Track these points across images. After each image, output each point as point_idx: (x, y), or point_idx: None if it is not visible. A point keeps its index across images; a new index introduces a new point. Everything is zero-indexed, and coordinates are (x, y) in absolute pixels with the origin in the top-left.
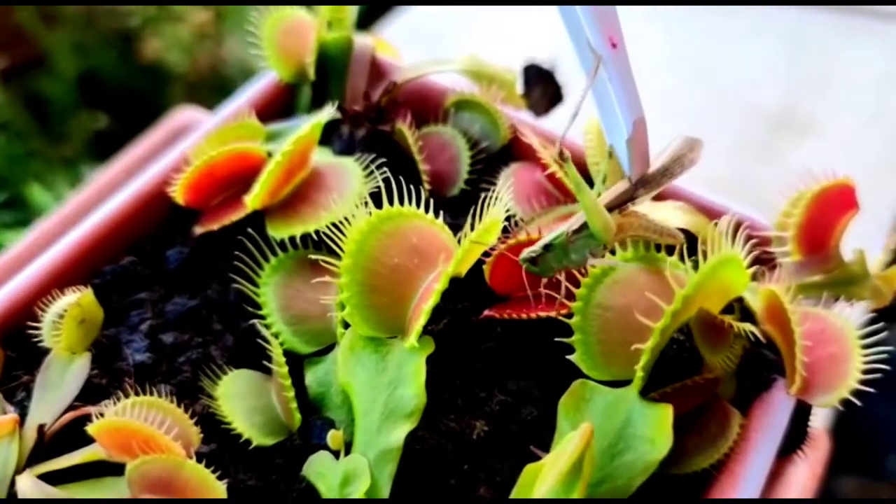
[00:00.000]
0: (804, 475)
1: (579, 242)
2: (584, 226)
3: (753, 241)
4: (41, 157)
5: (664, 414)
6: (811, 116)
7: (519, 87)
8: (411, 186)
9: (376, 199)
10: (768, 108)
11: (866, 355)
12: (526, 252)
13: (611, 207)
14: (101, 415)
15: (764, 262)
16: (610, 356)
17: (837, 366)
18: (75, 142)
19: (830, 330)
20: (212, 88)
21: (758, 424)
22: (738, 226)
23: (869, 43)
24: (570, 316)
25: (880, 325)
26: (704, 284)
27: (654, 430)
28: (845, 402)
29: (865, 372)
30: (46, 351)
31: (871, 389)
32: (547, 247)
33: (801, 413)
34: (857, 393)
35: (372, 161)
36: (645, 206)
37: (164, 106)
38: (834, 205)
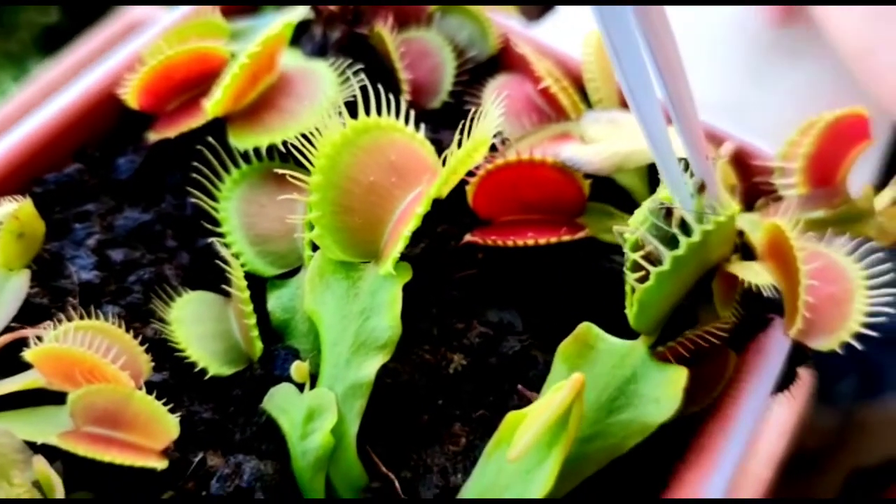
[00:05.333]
0: (785, 414)
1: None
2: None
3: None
4: None
5: (677, 376)
6: (805, 38)
7: None
8: (390, 96)
9: (351, 108)
10: (758, 27)
11: (871, 296)
12: (667, 202)
13: None
14: (40, 339)
15: (766, 193)
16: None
17: (839, 307)
18: (23, 36)
19: (833, 268)
20: None
21: (752, 367)
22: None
23: None
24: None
25: (886, 265)
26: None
27: (662, 391)
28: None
29: (868, 315)
30: None
31: (874, 333)
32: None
33: (797, 355)
34: (858, 337)
35: (347, 66)
36: None
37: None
38: (846, 136)
